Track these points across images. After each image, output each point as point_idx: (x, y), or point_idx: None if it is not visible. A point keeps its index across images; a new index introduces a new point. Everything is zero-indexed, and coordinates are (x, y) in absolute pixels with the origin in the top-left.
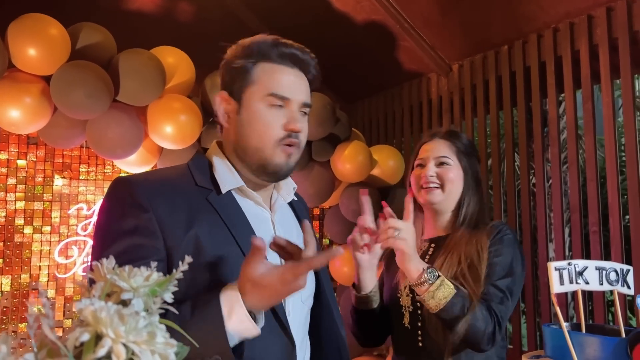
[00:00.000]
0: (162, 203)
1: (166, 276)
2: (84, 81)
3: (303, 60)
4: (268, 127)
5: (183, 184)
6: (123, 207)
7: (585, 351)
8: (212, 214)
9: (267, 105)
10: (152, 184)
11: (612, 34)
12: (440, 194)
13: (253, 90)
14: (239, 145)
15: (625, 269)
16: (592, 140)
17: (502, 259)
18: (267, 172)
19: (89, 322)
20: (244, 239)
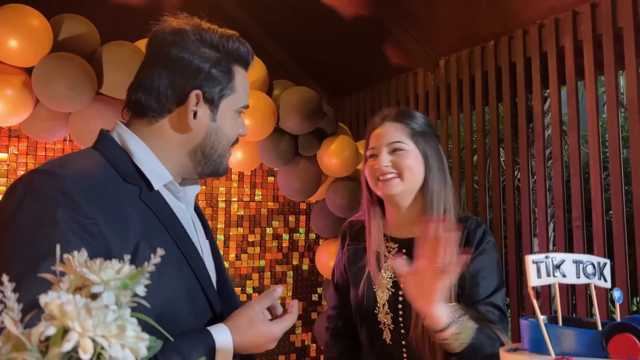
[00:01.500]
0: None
1: (138, 269)
2: (66, 73)
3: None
4: (232, 135)
5: (109, 179)
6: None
7: (562, 343)
8: (148, 214)
9: (238, 116)
10: (82, 179)
11: (597, 30)
12: (399, 184)
13: (232, 99)
14: (202, 150)
15: (602, 262)
16: (576, 136)
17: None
18: (217, 174)
19: (55, 315)
20: (181, 238)
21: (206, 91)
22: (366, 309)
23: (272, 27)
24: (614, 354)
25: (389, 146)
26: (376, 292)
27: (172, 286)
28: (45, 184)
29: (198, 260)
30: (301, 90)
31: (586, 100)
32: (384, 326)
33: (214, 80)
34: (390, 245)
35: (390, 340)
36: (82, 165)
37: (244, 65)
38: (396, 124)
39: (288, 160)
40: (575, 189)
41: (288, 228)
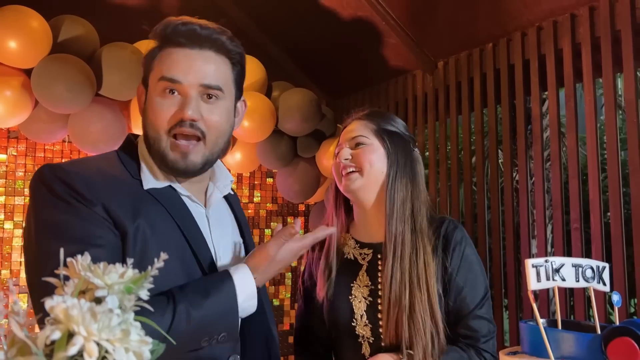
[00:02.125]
0: (103, 191)
1: (141, 273)
2: (65, 75)
3: (204, 36)
4: (157, 116)
5: (120, 176)
6: (65, 197)
7: (561, 347)
8: (157, 205)
9: (159, 93)
10: (87, 172)
11: (595, 32)
12: (358, 178)
13: (152, 76)
14: (144, 136)
15: (602, 266)
16: (574, 138)
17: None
18: (168, 169)
19: (61, 319)
20: (190, 229)
21: (142, 77)
22: (342, 321)
23: (272, 29)
24: (613, 357)
25: (351, 141)
26: (352, 303)
27: (172, 269)
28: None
29: (204, 250)
30: (300, 92)
31: (584, 102)
32: (363, 339)
33: (145, 63)
34: (364, 252)
35: (370, 355)
36: (94, 163)
37: (173, 44)
38: (361, 121)
39: (287, 162)
40: (574, 190)
41: None
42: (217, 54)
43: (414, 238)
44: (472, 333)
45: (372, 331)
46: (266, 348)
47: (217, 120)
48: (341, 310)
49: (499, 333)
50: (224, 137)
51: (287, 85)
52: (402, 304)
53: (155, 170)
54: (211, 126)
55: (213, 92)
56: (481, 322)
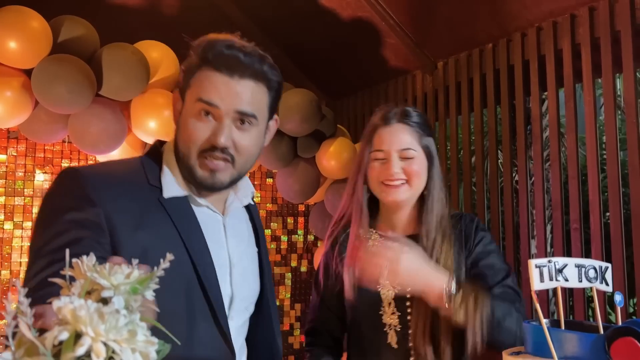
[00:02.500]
0: (112, 199)
1: (148, 274)
2: (66, 75)
3: (246, 64)
4: (191, 136)
5: (135, 180)
6: (70, 199)
7: (564, 347)
8: (162, 215)
9: (195, 113)
10: (103, 177)
11: (594, 33)
12: (407, 190)
13: (189, 93)
14: (175, 148)
15: (604, 266)
16: (574, 138)
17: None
18: (195, 182)
19: (68, 320)
20: (194, 242)
21: (180, 87)
22: (370, 312)
23: (271, 29)
24: (616, 357)
25: (400, 152)
26: (380, 292)
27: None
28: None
29: (205, 264)
30: (300, 92)
31: (584, 102)
32: (389, 328)
33: (184, 76)
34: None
35: (397, 344)
36: (110, 167)
37: (211, 66)
38: (405, 126)
39: (287, 162)
40: (573, 191)
41: (287, 230)
42: (255, 83)
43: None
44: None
45: (400, 319)
46: (270, 357)
47: (247, 146)
48: (370, 301)
49: None
50: (252, 159)
51: (287, 86)
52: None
53: (178, 179)
54: (242, 152)
55: (247, 119)
56: (504, 290)
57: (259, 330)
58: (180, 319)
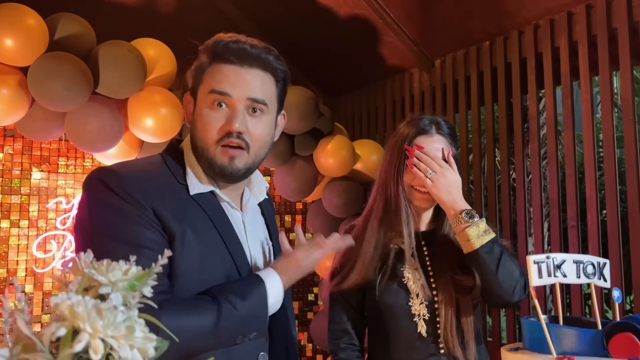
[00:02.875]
0: (154, 196)
1: (145, 270)
2: (62, 73)
3: (253, 54)
4: (206, 127)
5: (165, 178)
6: (118, 198)
7: (563, 343)
8: (198, 210)
9: (209, 105)
10: (139, 176)
11: (591, 31)
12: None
13: (201, 89)
14: (193, 145)
15: (602, 262)
16: (571, 136)
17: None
18: (215, 172)
19: (66, 316)
20: (229, 235)
21: (191, 88)
22: (399, 304)
23: (268, 27)
24: (614, 353)
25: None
26: (407, 284)
27: (213, 271)
28: (109, 179)
29: (241, 255)
30: (297, 90)
31: (581, 100)
32: (419, 318)
33: (194, 75)
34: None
35: (426, 332)
36: (142, 166)
37: (223, 60)
38: (446, 140)
39: (284, 160)
40: (570, 188)
41: (284, 228)
42: (264, 72)
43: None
44: None
45: (428, 308)
46: (285, 347)
47: (261, 133)
48: (398, 294)
49: (497, 330)
50: (265, 148)
51: None
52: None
53: (200, 176)
54: (255, 138)
55: (258, 107)
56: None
57: (276, 321)
58: None
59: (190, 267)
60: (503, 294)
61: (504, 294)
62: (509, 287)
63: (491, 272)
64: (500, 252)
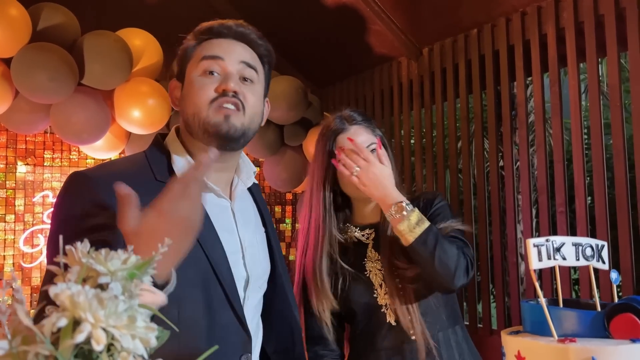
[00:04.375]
0: None
1: (145, 259)
2: (46, 64)
3: (239, 31)
4: (200, 90)
5: (142, 177)
6: (85, 205)
7: (563, 325)
8: None
9: (201, 72)
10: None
11: (578, 17)
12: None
13: (191, 63)
14: (184, 119)
15: (600, 244)
16: (558, 123)
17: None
18: (210, 134)
19: (66, 307)
20: (204, 234)
21: (178, 75)
22: (365, 297)
23: (256, 17)
24: (615, 333)
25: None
26: (370, 277)
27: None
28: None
29: (217, 251)
30: (286, 80)
31: (568, 87)
32: (386, 308)
33: (179, 60)
34: (367, 232)
35: (395, 321)
36: (116, 167)
37: (210, 35)
38: (363, 127)
39: (274, 151)
40: (558, 175)
41: (274, 219)
42: (251, 48)
43: None
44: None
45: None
46: (290, 330)
47: (253, 100)
48: (363, 289)
49: (487, 317)
50: (258, 117)
51: (273, 74)
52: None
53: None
54: (249, 103)
55: (249, 73)
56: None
57: (274, 304)
58: (199, 307)
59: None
60: (443, 281)
61: (443, 282)
62: (447, 274)
63: (428, 262)
64: (434, 241)
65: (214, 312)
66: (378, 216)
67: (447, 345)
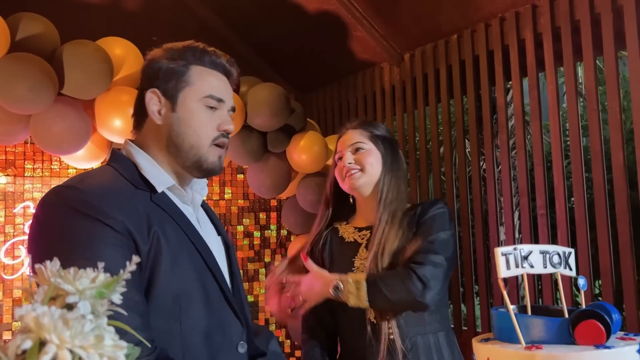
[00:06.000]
0: (121, 207)
1: (113, 277)
2: (25, 74)
3: (230, 70)
4: (204, 126)
5: (123, 187)
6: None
7: (531, 332)
8: (162, 213)
9: (204, 106)
10: (101, 190)
11: (555, 22)
12: (362, 176)
13: (190, 91)
14: (173, 142)
15: (567, 251)
16: (538, 126)
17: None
18: (201, 169)
19: (31, 328)
20: (192, 233)
21: (163, 88)
22: None
23: (237, 24)
24: (580, 340)
25: (351, 147)
26: (355, 273)
27: (185, 270)
28: (72, 198)
29: (206, 250)
30: (268, 87)
31: (547, 91)
32: None
33: (168, 76)
34: (363, 233)
35: (374, 318)
36: (99, 178)
37: (202, 63)
38: (357, 130)
39: (257, 158)
40: (539, 177)
41: (259, 225)
42: (229, 81)
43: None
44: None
45: None
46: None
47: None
48: None
49: (471, 319)
50: None
51: (255, 80)
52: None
53: (162, 172)
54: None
55: (232, 115)
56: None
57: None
58: (199, 303)
59: (164, 272)
60: (414, 308)
61: (415, 308)
62: (411, 302)
63: (390, 306)
64: (379, 289)
65: (211, 306)
66: (375, 219)
67: (426, 350)
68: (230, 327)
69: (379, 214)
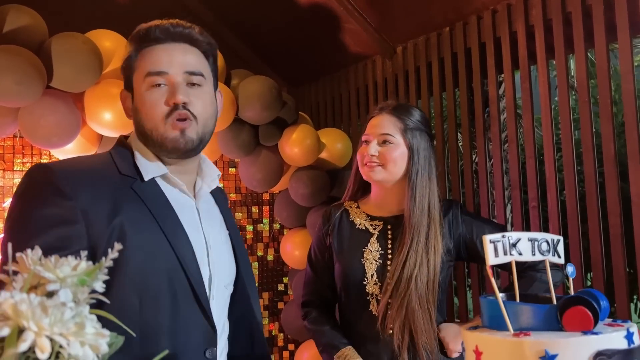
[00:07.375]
0: (85, 191)
1: (95, 264)
2: (13, 67)
3: (177, 33)
4: (151, 107)
5: (106, 172)
6: (44, 196)
7: (519, 319)
8: (137, 202)
9: (148, 87)
10: (74, 171)
11: (547, 15)
12: (381, 172)
13: (136, 76)
14: (139, 132)
15: (556, 239)
16: (530, 119)
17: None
18: (168, 150)
19: (9, 316)
20: (169, 226)
21: (125, 83)
22: (355, 281)
23: (229, 17)
24: (568, 326)
25: (379, 137)
26: (364, 264)
27: (150, 263)
28: (37, 178)
29: (183, 245)
30: (260, 80)
31: (539, 84)
32: (372, 297)
33: (125, 69)
34: (375, 223)
35: (377, 312)
36: (80, 161)
37: (149, 43)
38: (391, 117)
39: (249, 151)
40: (531, 170)
41: (252, 219)
42: (191, 46)
43: (428, 229)
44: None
45: (381, 289)
46: (249, 333)
47: (203, 105)
48: (355, 271)
49: (463, 310)
50: (211, 119)
51: (247, 73)
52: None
53: (152, 159)
54: (200, 109)
55: (196, 79)
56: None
57: (237, 307)
58: (164, 299)
59: (124, 262)
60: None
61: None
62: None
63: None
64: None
65: (177, 304)
66: (392, 212)
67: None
68: (197, 329)
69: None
